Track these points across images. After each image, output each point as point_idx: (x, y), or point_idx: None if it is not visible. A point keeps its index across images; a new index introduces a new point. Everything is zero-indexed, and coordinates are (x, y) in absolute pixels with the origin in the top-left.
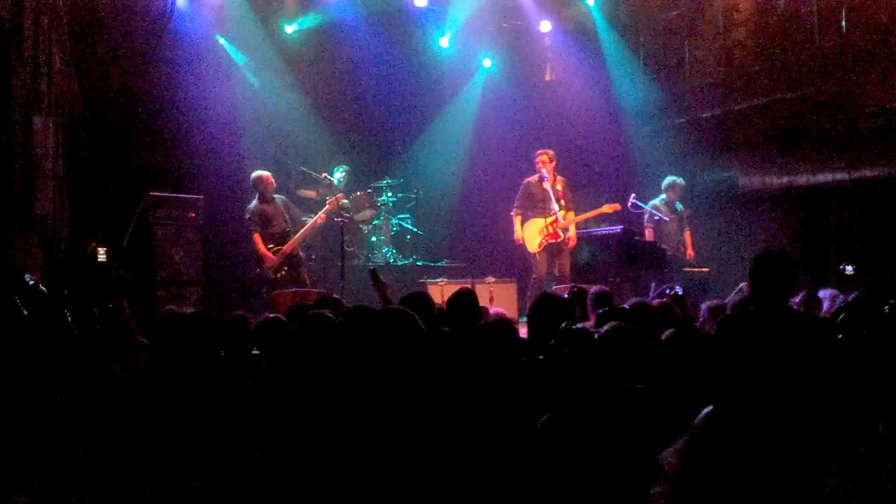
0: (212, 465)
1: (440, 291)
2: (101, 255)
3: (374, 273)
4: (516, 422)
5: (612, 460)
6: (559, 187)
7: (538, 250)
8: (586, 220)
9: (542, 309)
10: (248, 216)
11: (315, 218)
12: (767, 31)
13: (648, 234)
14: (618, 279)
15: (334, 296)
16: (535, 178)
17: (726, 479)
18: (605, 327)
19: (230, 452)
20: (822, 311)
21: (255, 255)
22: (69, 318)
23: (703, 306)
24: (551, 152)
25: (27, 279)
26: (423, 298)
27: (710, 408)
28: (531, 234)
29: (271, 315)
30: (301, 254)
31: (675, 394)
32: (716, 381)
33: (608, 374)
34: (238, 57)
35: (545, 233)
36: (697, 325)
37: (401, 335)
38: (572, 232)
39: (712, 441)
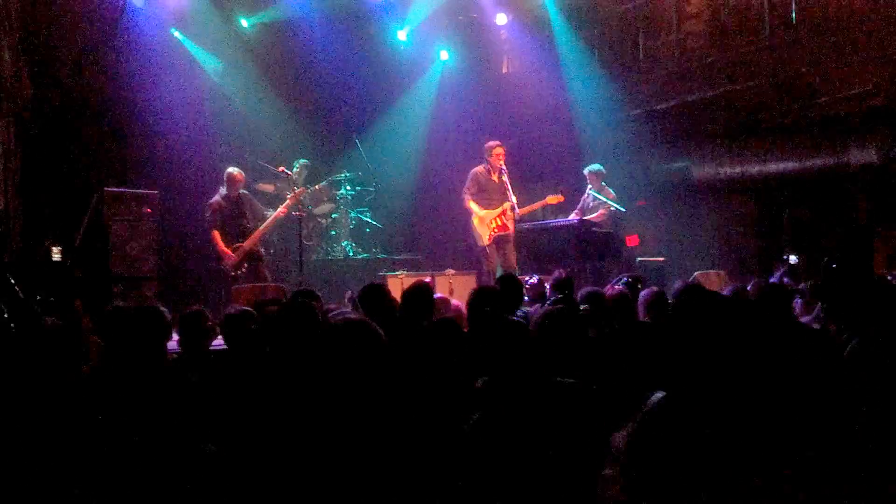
0: (165, 461)
1: (400, 284)
2: (56, 254)
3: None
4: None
5: (551, 449)
6: (505, 178)
7: (488, 243)
8: (543, 212)
9: (480, 302)
10: (207, 212)
11: (275, 214)
12: (719, 23)
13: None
14: (575, 270)
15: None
16: (482, 168)
17: (672, 461)
18: (539, 313)
19: (183, 447)
20: None
21: (214, 251)
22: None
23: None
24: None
25: None
26: (379, 291)
27: (661, 393)
28: (480, 227)
29: (241, 308)
30: (261, 249)
31: (624, 380)
32: (668, 368)
33: (539, 362)
34: (194, 51)
35: (494, 225)
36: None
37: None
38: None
39: (660, 425)
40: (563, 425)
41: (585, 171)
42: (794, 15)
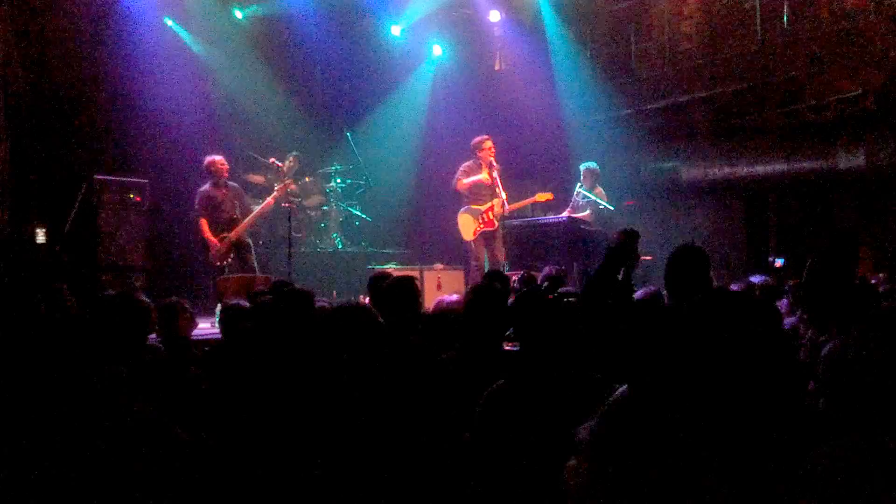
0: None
1: None
2: (40, 236)
3: None
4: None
5: (547, 434)
6: (495, 174)
7: (473, 238)
8: (532, 210)
9: (480, 298)
10: (196, 200)
11: (263, 204)
12: (712, 24)
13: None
14: (563, 267)
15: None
16: (471, 163)
17: (634, 456)
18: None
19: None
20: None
21: (201, 241)
22: None
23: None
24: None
25: None
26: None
27: (625, 386)
28: (466, 221)
29: (236, 301)
30: (249, 240)
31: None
32: (633, 362)
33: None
34: (187, 40)
35: (480, 220)
36: None
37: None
38: None
39: (623, 418)
40: (572, 417)
41: (582, 168)
42: (786, 18)
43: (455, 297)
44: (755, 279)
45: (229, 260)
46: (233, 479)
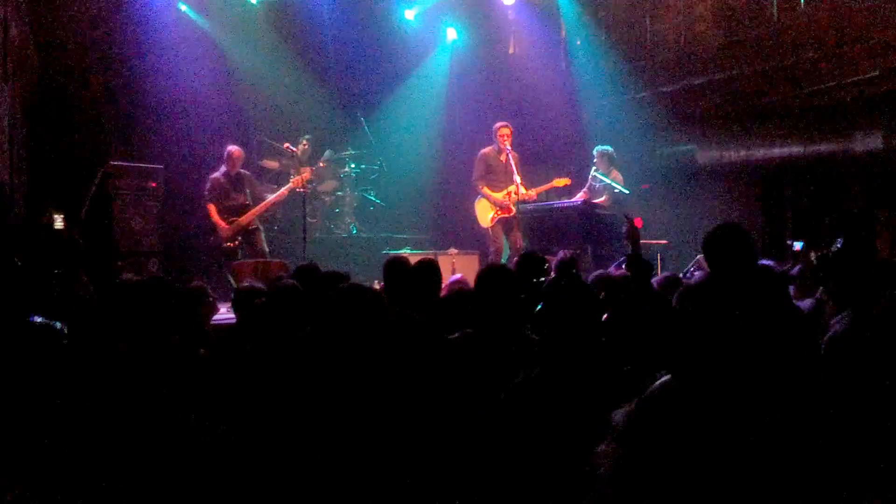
0: (171, 437)
1: None
2: (58, 222)
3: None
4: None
5: (575, 418)
6: (512, 161)
7: (491, 224)
8: (547, 194)
9: (490, 280)
10: (207, 185)
11: (277, 194)
12: (728, 6)
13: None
14: (578, 251)
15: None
16: (491, 149)
17: (671, 445)
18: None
19: (191, 423)
20: None
21: (210, 223)
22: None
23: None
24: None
25: None
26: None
27: (668, 376)
28: (484, 207)
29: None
30: (259, 225)
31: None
32: (676, 352)
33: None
34: (202, 25)
35: (497, 207)
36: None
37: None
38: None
39: (664, 407)
40: (597, 407)
41: (595, 151)
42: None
43: (458, 276)
44: (764, 264)
45: (237, 241)
46: (251, 467)
